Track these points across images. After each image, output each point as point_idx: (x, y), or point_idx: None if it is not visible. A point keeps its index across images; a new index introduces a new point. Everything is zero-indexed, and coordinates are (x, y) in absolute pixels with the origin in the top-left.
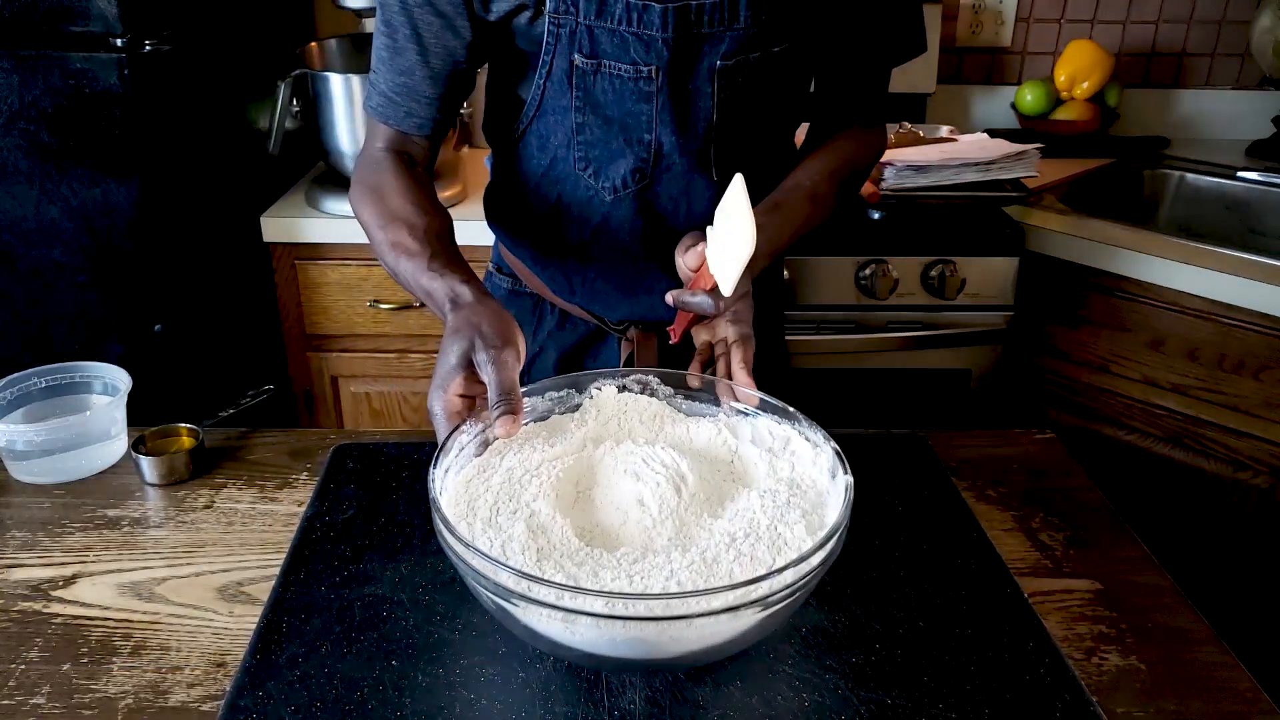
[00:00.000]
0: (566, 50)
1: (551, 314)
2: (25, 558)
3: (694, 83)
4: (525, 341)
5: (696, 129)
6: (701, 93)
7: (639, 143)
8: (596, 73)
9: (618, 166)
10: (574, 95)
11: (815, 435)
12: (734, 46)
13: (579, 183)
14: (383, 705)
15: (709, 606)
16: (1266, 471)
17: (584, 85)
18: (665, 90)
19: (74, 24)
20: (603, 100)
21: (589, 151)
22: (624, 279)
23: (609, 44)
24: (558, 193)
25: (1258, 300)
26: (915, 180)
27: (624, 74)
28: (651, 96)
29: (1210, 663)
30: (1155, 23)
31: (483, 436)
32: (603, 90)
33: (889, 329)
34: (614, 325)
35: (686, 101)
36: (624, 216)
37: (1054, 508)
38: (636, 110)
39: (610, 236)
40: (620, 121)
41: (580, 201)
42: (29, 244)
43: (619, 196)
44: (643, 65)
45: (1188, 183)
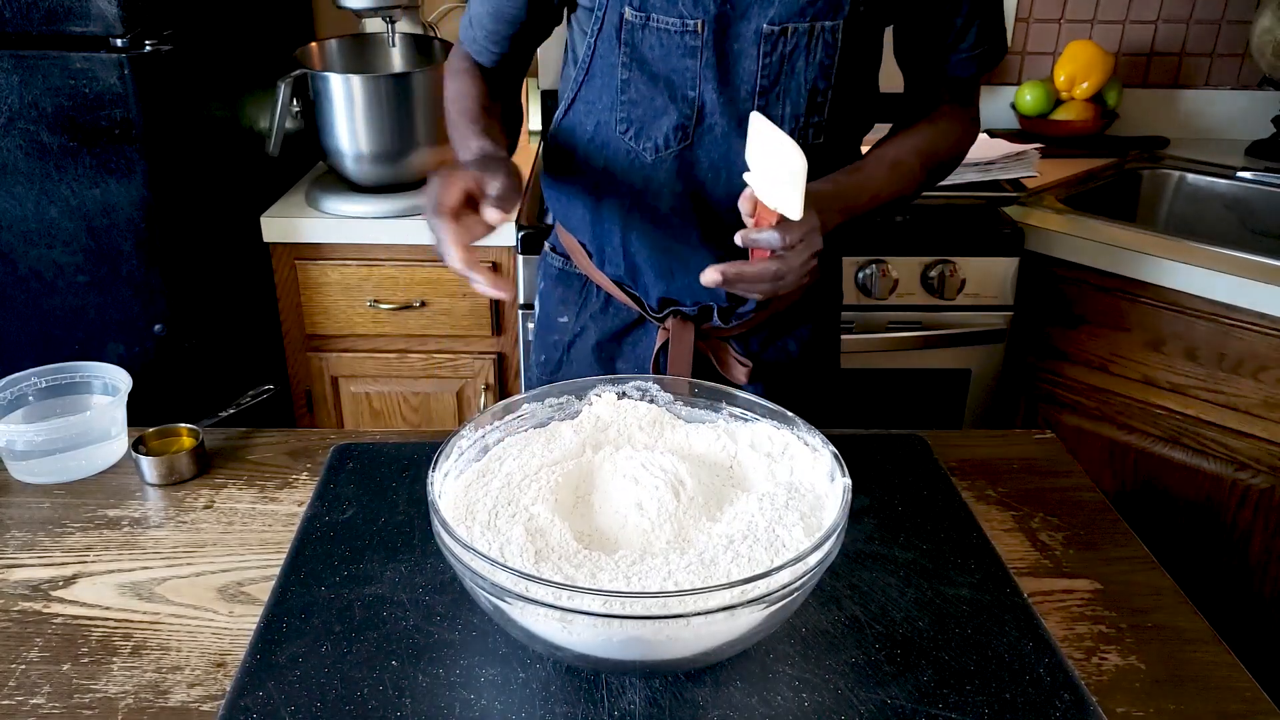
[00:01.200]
0: (618, 3)
1: (597, 296)
2: (25, 558)
3: (739, 44)
4: (568, 318)
5: (739, 90)
6: (746, 54)
7: (683, 99)
8: (645, 26)
9: (659, 125)
10: (621, 50)
11: (814, 440)
12: (782, 13)
13: (620, 146)
14: (383, 705)
15: (706, 606)
16: (1266, 471)
17: (632, 40)
18: (710, 46)
19: (74, 24)
20: (649, 56)
21: (632, 111)
22: (662, 255)
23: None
24: (603, 159)
25: (1258, 300)
26: None
27: (671, 27)
28: (697, 52)
29: (1210, 663)
30: (1155, 23)
31: (483, 442)
32: (650, 46)
33: (889, 329)
34: (653, 312)
35: (731, 61)
36: (664, 181)
37: (1054, 508)
38: (681, 66)
39: (651, 205)
40: (665, 78)
41: (622, 168)
42: (29, 244)
43: (660, 158)
44: (689, 19)
45: (1188, 183)
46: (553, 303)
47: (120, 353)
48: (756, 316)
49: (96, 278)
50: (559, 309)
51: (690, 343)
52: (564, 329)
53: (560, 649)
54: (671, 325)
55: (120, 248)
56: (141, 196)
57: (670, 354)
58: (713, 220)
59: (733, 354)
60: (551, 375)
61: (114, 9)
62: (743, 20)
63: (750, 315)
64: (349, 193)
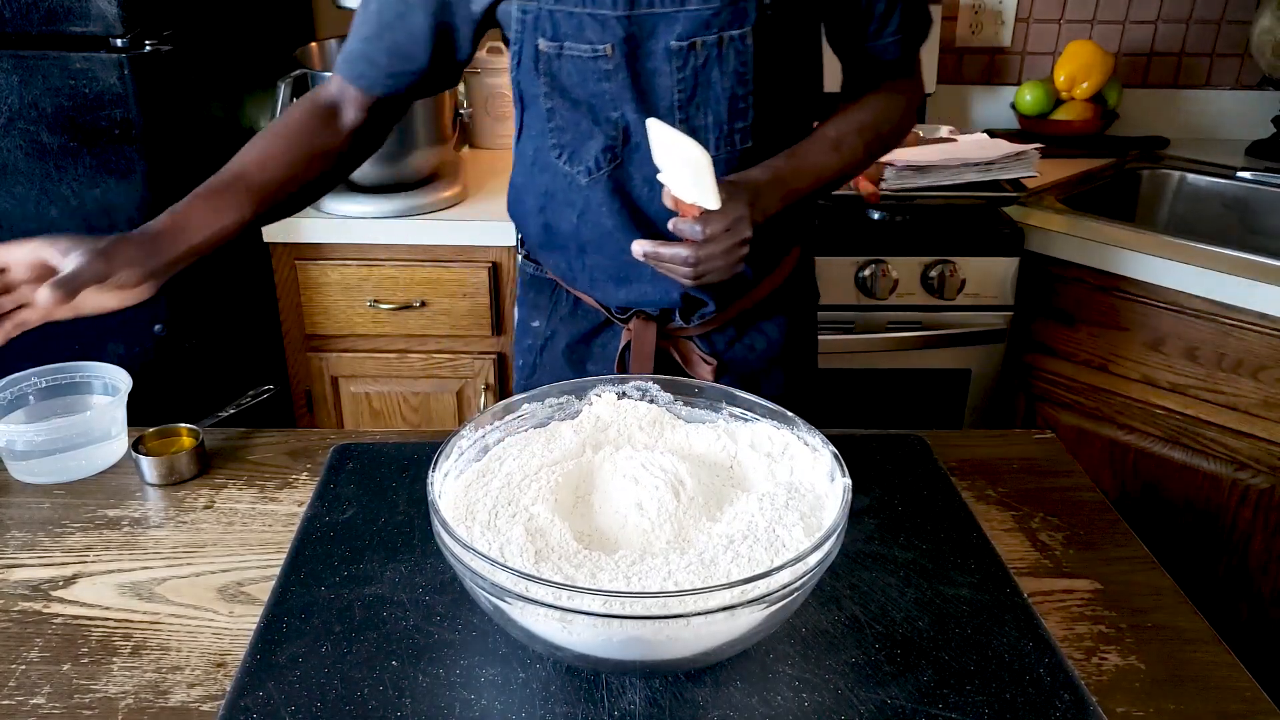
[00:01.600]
0: (533, 36)
1: (566, 300)
2: (25, 558)
3: (651, 61)
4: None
5: (659, 107)
6: (660, 71)
7: (607, 121)
8: (560, 56)
9: (589, 148)
10: (542, 80)
11: (814, 439)
12: (689, 28)
13: (558, 170)
14: (383, 705)
15: (706, 606)
16: (1266, 471)
17: (550, 70)
18: (624, 68)
19: (74, 24)
20: (568, 83)
21: (561, 137)
22: (614, 265)
23: (568, 26)
24: (544, 182)
25: (1257, 300)
26: (915, 180)
27: (583, 54)
28: (611, 75)
29: (1210, 663)
30: (1155, 23)
31: (483, 442)
32: (567, 73)
33: (889, 329)
34: (617, 314)
35: (646, 80)
36: (602, 200)
37: (1054, 508)
38: (599, 90)
39: (594, 223)
40: (587, 103)
41: (563, 188)
42: None
43: (594, 179)
44: (598, 44)
45: (1188, 183)
46: (527, 308)
47: (120, 353)
48: (721, 315)
49: None
50: (531, 314)
51: (652, 342)
52: (536, 333)
53: (560, 649)
54: (634, 326)
55: None
56: (141, 197)
57: (632, 353)
58: (655, 231)
59: (697, 352)
60: (528, 379)
61: (114, 9)
62: (651, 39)
63: (713, 314)
64: (349, 193)
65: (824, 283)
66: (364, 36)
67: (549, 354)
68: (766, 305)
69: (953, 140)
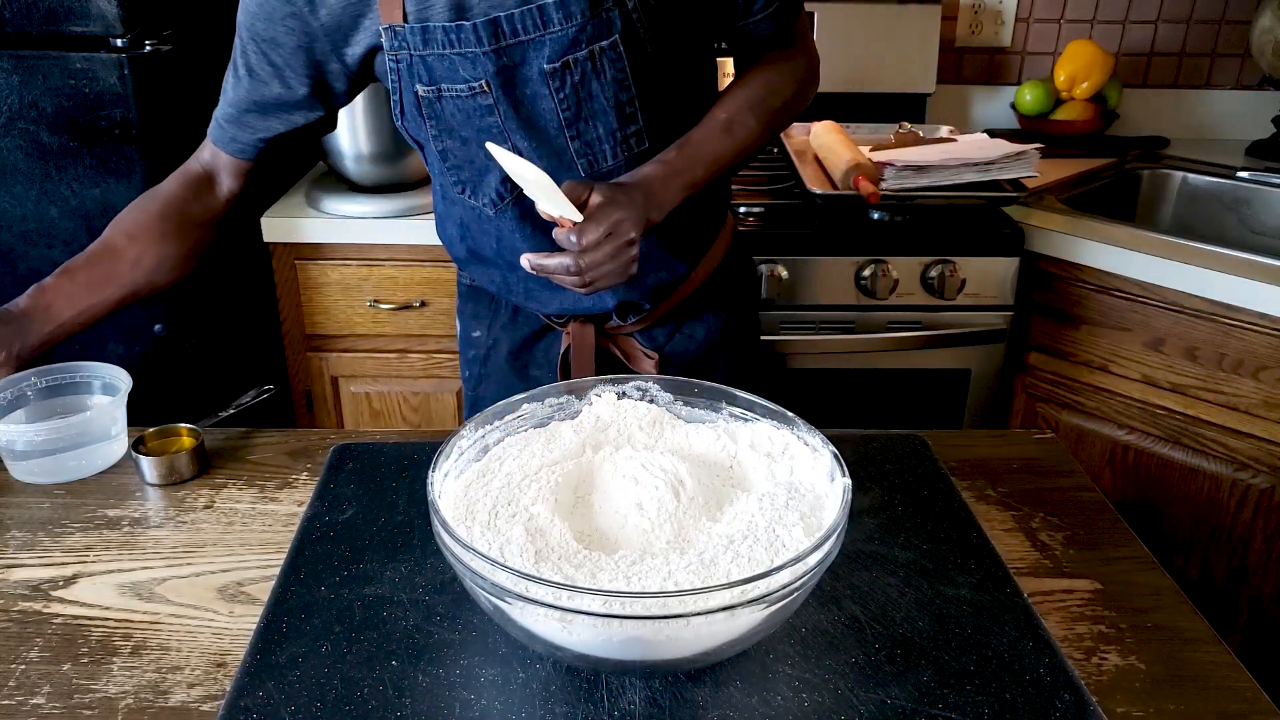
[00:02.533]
0: (409, 83)
1: (505, 308)
2: (25, 558)
3: (529, 88)
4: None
5: (548, 130)
6: (540, 95)
7: None
8: (439, 98)
9: (488, 182)
10: (429, 124)
11: (814, 439)
12: (557, 50)
13: (466, 205)
14: (383, 705)
15: (706, 605)
16: (1266, 471)
17: (434, 112)
18: (504, 101)
19: (74, 24)
20: (454, 123)
21: (460, 174)
22: (542, 280)
23: (440, 68)
24: (459, 213)
25: (1258, 300)
26: (915, 180)
27: (461, 94)
28: (492, 109)
29: (1210, 663)
30: (1155, 23)
31: (483, 442)
32: (450, 114)
33: (889, 329)
34: (555, 319)
35: (528, 107)
36: (513, 227)
37: (1054, 508)
38: (485, 125)
39: (512, 247)
40: (476, 139)
41: (476, 219)
42: (29, 244)
43: (501, 209)
44: (473, 81)
45: (1188, 183)
46: (467, 318)
47: (120, 353)
48: (656, 311)
49: None
50: (472, 324)
51: (591, 342)
52: (479, 343)
53: (560, 649)
54: (572, 329)
55: None
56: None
57: (573, 355)
58: None
59: (639, 348)
60: (475, 389)
61: (114, 9)
62: (524, 66)
63: (647, 312)
64: (349, 193)
65: (824, 283)
66: (234, 102)
67: (492, 363)
68: (703, 295)
69: (953, 140)
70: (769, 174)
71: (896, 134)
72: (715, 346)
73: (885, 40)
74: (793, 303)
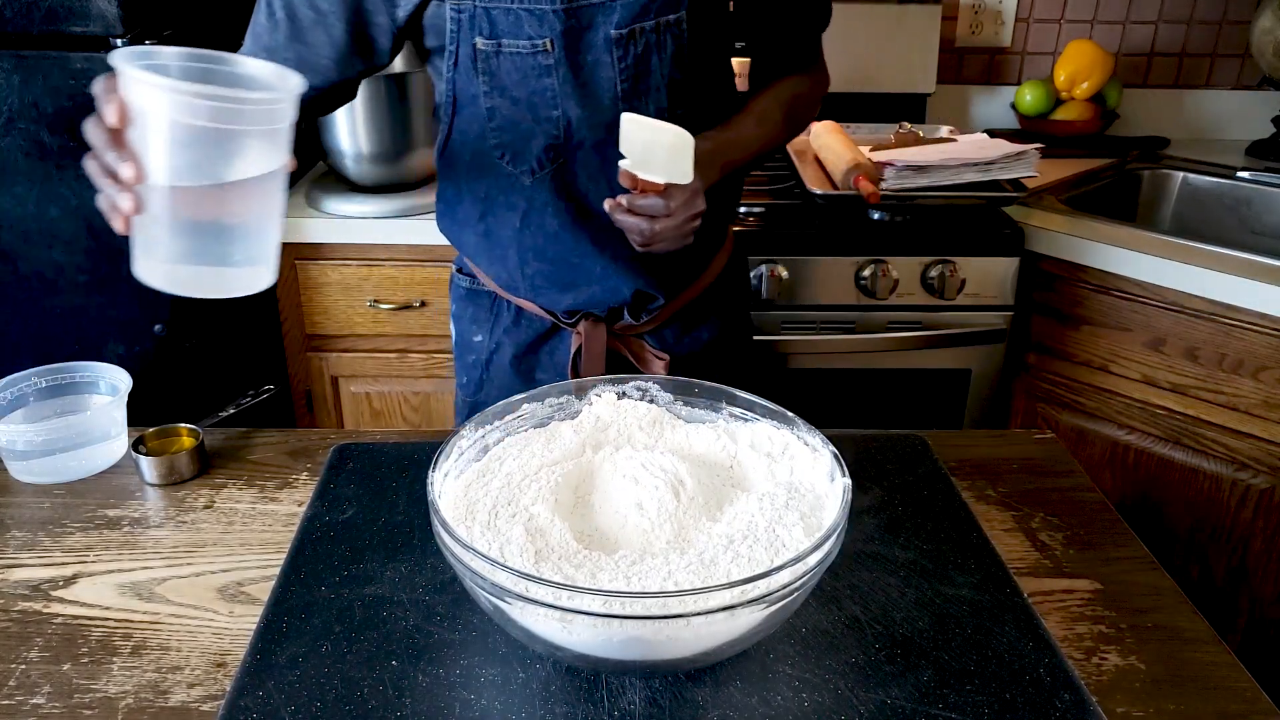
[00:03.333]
0: (469, 35)
1: (508, 311)
2: (25, 558)
3: (592, 54)
4: (482, 336)
5: (602, 100)
6: (601, 63)
7: (547, 119)
8: (498, 54)
9: (531, 148)
10: (481, 80)
11: (814, 440)
12: (627, 16)
13: (500, 171)
14: (383, 705)
15: (706, 605)
16: (1266, 471)
17: (489, 68)
18: (565, 63)
19: (74, 24)
20: (508, 81)
21: (502, 137)
22: (558, 270)
23: (505, 23)
24: (484, 186)
25: (1258, 300)
26: (915, 180)
27: (522, 50)
28: (551, 70)
29: (1210, 663)
30: (1155, 23)
31: (483, 442)
32: (506, 71)
33: (889, 329)
34: (564, 319)
35: (587, 73)
36: (546, 200)
37: (1054, 508)
38: (540, 87)
39: (537, 224)
40: (527, 100)
41: (504, 191)
42: (29, 244)
43: (538, 178)
44: (537, 39)
45: (1188, 183)
46: (465, 323)
47: (120, 353)
48: (667, 310)
49: (96, 278)
50: (471, 329)
51: (603, 343)
52: (480, 348)
53: (560, 649)
54: (584, 328)
55: (120, 248)
56: None
57: (584, 356)
58: (600, 229)
59: (649, 349)
60: (474, 396)
61: (114, 9)
62: (590, 30)
63: (660, 309)
64: (349, 193)
65: (824, 283)
66: (267, 46)
67: (495, 367)
68: (709, 296)
69: (953, 140)
70: (769, 174)
71: (896, 134)
72: (720, 347)
73: (885, 40)
74: (793, 303)
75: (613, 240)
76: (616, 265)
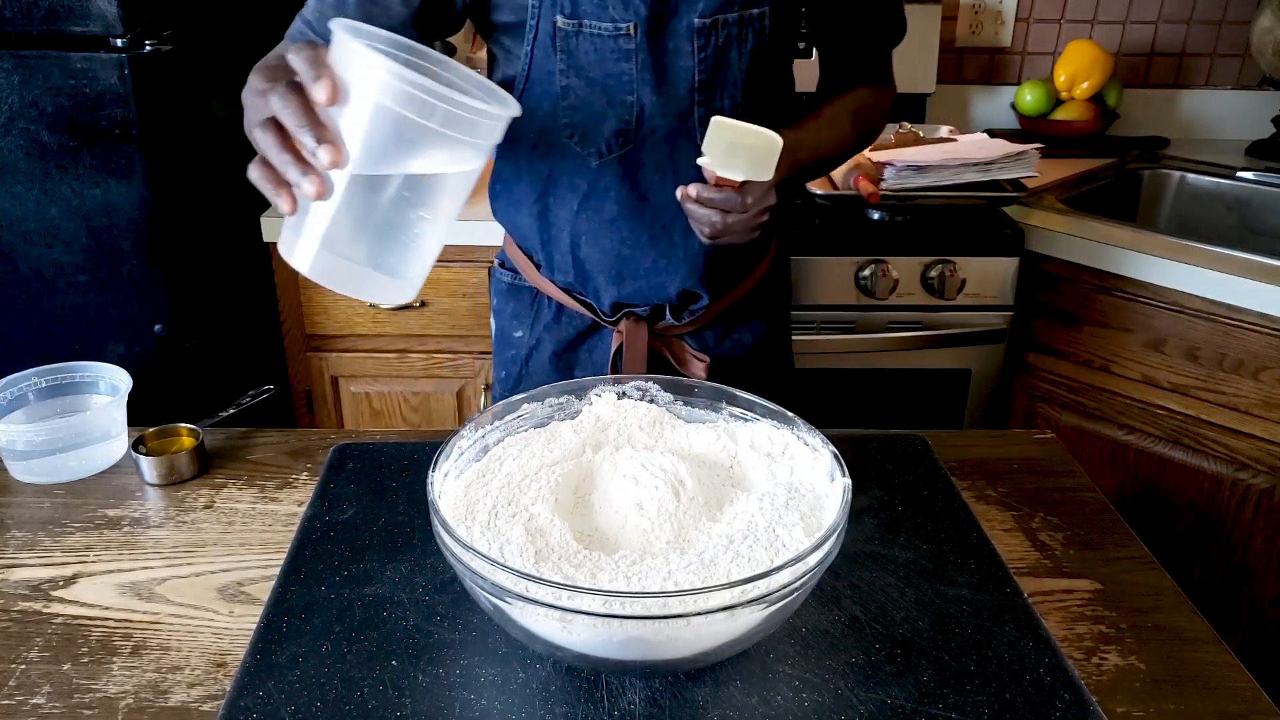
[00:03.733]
0: (550, 13)
1: (549, 307)
2: (25, 558)
3: (673, 41)
4: (523, 332)
5: (679, 89)
6: (681, 51)
7: (621, 104)
8: (578, 33)
9: (601, 130)
10: (558, 58)
11: (814, 439)
12: (711, 5)
13: (566, 151)
14: (383, 705)
15: (706, 606)
16: (1266, 471)
17: (567, 47)
18: (645, 49)
19: (74, 24)
20: (585, 62)
21: (574, 116)
22: (609, 260)
23: (588, 3)
24: (548, 166)
25: (1258, 300)
26: (915, 180)
27: (603, 32)
28: (631, 55)
29: (1210, 663)
30: (1155, 23)
31: (483, 442)
32: (585, 51)
33: (889, 329)
34: (606, 316)
35: (666, 60)
36: (609, 185)
37: (1054, 508)
38: (617, 71)
39: (595, 209)
40: (602, 83)
41: (569, 170)
42: (29, 244)
43: (605, 161)
44: (621, 22)
45: (1188, 183)
46: (505, 318)
47: (120, 353)
48: (709, 311)
49: (96, 278)
50: (512, 324)
51: (644, 342)
52: (519, 343)
53: (560, 649)
54: (625, 327)
55: (120, 248)
56: (141, 196)
57: (625, 355)
58: (659, 221)
59: (689, 350)
60: (512, 392)
61: (114, 9)
62: (675, 18)
63: (702, 311)
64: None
65: (824, 283)
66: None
67: (535, 363)
68: (752, 298)
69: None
70: None
71: (896, 134)
72: (762, 350)
73: None
74: (793, 302)
75: (668, 233)
76: (667, 261)
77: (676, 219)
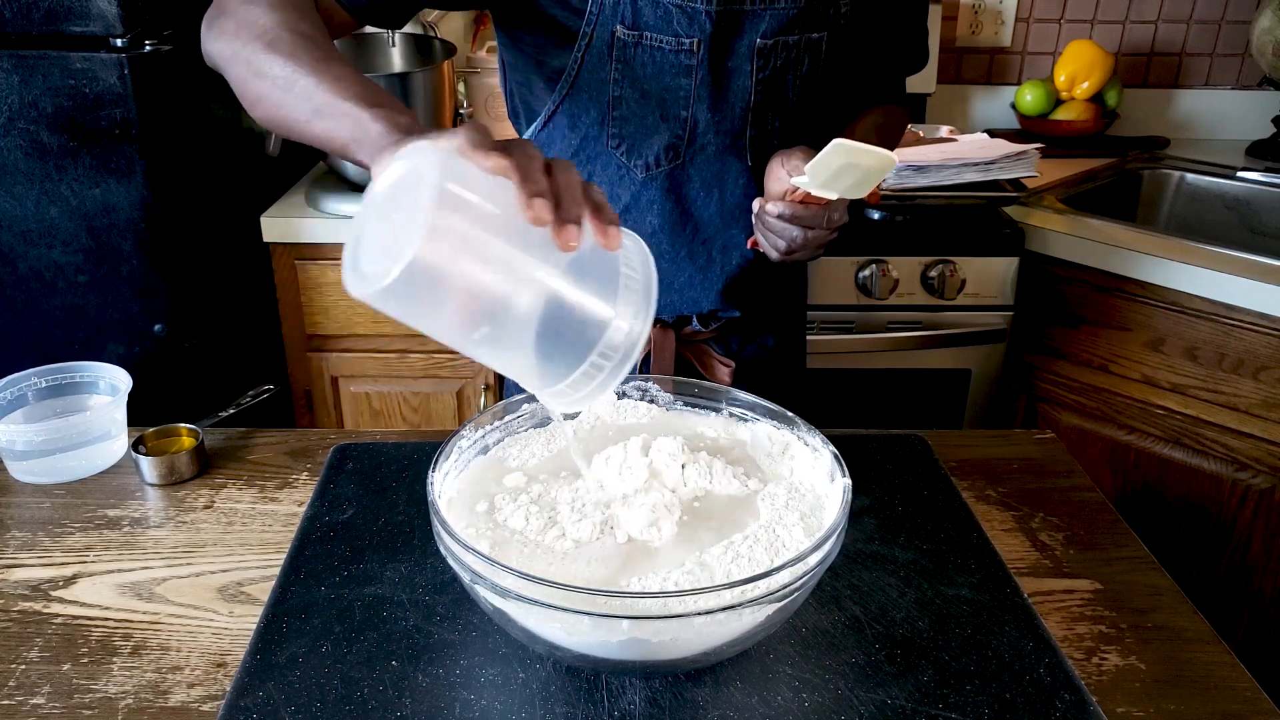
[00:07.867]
0: (609, 21)
1: None
2: (25, 558)
3: (733, 60)
4: None
5: (734, 108)
6: (740, 71)
7: (675, 119)
8: (638, 45)
9: (652, 143)
10: (613, 67)
11: (814, 440)
12: (774, 26)
13: (610, 161)
14: (383, 705)
15: (706, 606)
16: (1266, 471)
17: (624, 57)
18: (705, 65)
19: (74, 24)
20: (642, 74)
21: (623, 128)
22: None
23: (652, 15)
24: (588, 173)
25: (1258, 300)
26: (915, 180)
27: (665, 46)
28: (691, 71)
29: (1210, 663)
30: (1155, 23)
31: (483, 442)
32: (642, 63)
33: (889, 329)
34: None
35: (725, 79)
36: (653, 198)
37: (1054, 508)
38: (675, 85)
39: (637, 221)
40: (657, 96)
41: (610, 181)
42: (29, 244)
43: (650, 175)
44: (685, 38)
45: (1188, 183)
46: None
47: (120, 353)
48: (736, 319)
49: (96, 278)
50: None
51: (672, 350)
52: None
53: (560, 649)
54: (653, 335)
55: (120, 248)
56: (141, 196)
57: (652, 363)
58: (700, 237)
59: (714, 356)
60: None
61: (114, 9)
62: (738, 38)
63: (728, 319)
64: (349, 193)
65: (824, 283)
66: None
67: None
68: (772, 306)
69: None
70: None
71: None
72: (781, 357)
73: None
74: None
75: (707, 249)
76: (704, 277)
77: (717, 235)
